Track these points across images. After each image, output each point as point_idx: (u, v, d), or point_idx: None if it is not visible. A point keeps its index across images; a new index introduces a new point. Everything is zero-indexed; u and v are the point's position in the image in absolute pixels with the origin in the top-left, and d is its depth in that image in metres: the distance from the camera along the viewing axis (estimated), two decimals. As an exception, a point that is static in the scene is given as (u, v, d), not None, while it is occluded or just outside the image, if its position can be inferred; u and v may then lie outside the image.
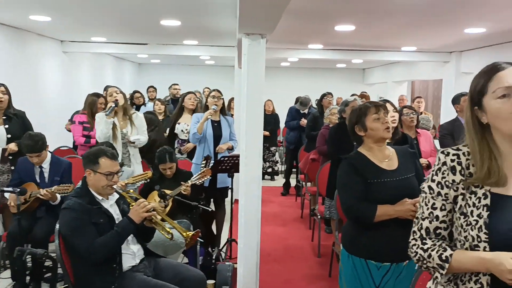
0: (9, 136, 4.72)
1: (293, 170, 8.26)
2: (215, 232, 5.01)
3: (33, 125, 4.94)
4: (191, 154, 5.52)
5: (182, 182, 4.17)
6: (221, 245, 4.94)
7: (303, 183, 7.25)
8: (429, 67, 9.14)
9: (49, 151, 4.34)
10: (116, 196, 2.89)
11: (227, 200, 5.07)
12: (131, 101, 7.21)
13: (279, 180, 9.17)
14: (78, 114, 5.75)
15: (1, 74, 5.64)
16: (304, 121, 7.61)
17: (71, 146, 6.30)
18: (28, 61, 6.55)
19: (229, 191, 4.85)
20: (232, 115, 7.47)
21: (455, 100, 4.97)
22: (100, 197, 2.78)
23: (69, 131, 6.47)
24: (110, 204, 2.83)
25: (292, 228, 6.16)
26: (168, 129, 6.03)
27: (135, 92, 8.43)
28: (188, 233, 2.79)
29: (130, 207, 2.80)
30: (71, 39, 7.53)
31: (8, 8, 4.83)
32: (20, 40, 6.29)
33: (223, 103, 5.07)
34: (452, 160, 1.50)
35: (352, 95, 9.74)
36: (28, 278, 3.97)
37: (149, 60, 12.65)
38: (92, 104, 5.55)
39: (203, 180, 4.29)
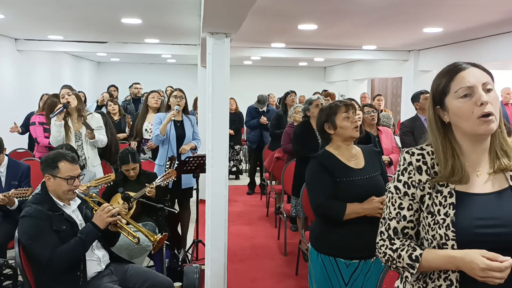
0: None
1: (257, 168, 8.27)
2: (180, 233, 4.95)
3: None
4: (154, 155, 5.44)
5: (146, 184, 4.09)
6: (187, 247, 4.88)
7: (268, 181, 7.28)
8: (389, 66, 9.35)
9: (6, 154, 4.16)
10: (78, 201, 2.79)
11: (192, 200, 5.02)
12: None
13: (244, 179, 9.17)
14: (36, 115, 5.55)
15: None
16: (264, 119, 7.62)
17: (27, 148, 6.07)
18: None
19: (194, 191, 4.79)
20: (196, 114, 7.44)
21: (415, 98, 5.09)
22: (61, 203, 2.68)
23: (21, 133, 6.25)
24: (72, 210, 2.73)
25: (258, 227, 6.17)
26: (128, 130, 5.91)
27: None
28: (155, 237, 2.74)
29: (94, 212, 2.71)
30: (26, 37, 7.26)
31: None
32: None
33: (186, 103, 5.01)
34: (418, 160, 1.52)
35: (315, 93, 9.88)
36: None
37: (109, 59, 12.37)
38: (52, 106, 5.34)
39: (168, 181, 4.22)
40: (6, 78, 7.05)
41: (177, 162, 4.56)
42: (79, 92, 8.29)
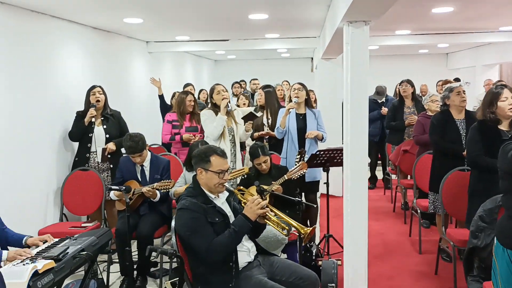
0: (107, 136, 4.91)
1: (378, 162, 7.97)
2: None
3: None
4: (277, 148, 5.47)
5: (273, 182, 4.11)
6: (317, 240, 4.83)
7: (393, 175, 6.97)
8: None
9: (149, 150, 4.45)
10: (226, 193, 2.86)
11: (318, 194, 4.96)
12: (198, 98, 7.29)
13: (364, 173, 8.89)
14: (169, 113, 5.87)
15: (95, 76, 5.88)
16: (385, 110, 7.30)
17: (160, 144, 6.43)
18: (118, 63, 6.80)
19: (324, 185, 4.72)
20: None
21: None
22: (212, 196, 2.76)
23: None
24: (221, 202, 2.81)
25: (387, 223, 5.92)
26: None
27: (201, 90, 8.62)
28: (305, 229, 2.71)
29: (242, 205, 2.76)
30: (155, 39, 7.73)
31: (104, 13, 5.00)
32: (111, 43, 6.53)
33: (308, 96, 4.94)
34: None
35: (439, 81, 9.26)
36: (135, 273, 4.12)
37: (226, 57, 12.79)
38: (181, 103, 5.61)
39: (299, 174, 4.21)
40: (139, 79, 7.58)
41: (306, 155, 4.53)
42: (201, 90, 8.75)
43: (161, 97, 6.91)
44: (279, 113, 5.03)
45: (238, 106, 7.10)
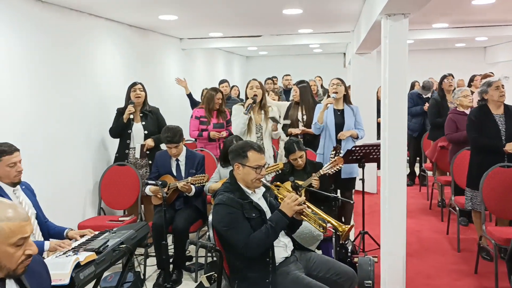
0: (146, 132, 4.98)
1: (417, 158, 7.82)
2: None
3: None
4: (312, 145, 5.43)
5: (313, 174, 4.08)
6: (351, 237, 4.78)
7: (429, 172, 6.82)
8: None
9: (184, 146, 4.49)
10: (263, 189, 2.86)
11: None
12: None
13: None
14: (196, 109, 5.90)
15: (130, 73, 5.97)
16: (427, 106, 7.13)
17: (194, 140, 6.48)
18: (153, 60, 6.89)
19: (360, 181, 4.65)
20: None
21: None
22: (249, 191, 2.77)
23: None
24: (258, 198, 2.81)
25: (422, 220, 5.81)
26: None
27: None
28: (343, 227, 2.68)
29: (279, 201, 2.75)
30: (189, 36, 7.80)
31: (140, 10, 5.07)
32: (146, 40, 6.62)
33: (347, 91, 4.89)
34: None
35: (473, 76, 8.99)
36: (171, 266, 4.18)
37: (257, 53, 12.78)
38: (210, 99, 5.60)
39: (335, 169, 4.16)
40: (173, 76, 7.65)
41: (341, 151, 4.48)
42: (233, 86, 8.75)
43: (189, 96, 6.93)
44: (316, 108, 4.99)
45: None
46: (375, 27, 3.84)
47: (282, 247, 2.75)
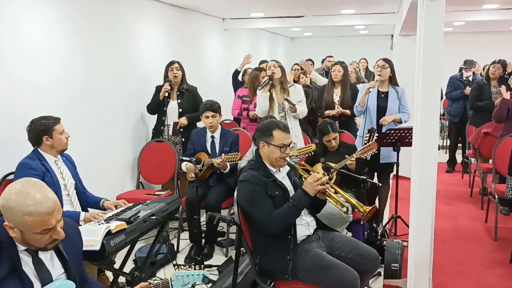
0: (180, 110, 5.10)
1: (459, 145, 7.59)
2: (377, 207, 4.83)
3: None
4: (348, 126, 5.39)
5: (346, 156, 4.07)
6: (385, 221, 4.76)
7: (472, 159, 6.63)
8: None
9: (220, 125, 4.58)
10: (287, 168, 2.90)
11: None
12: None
13: (442, 155, 8.52)
14: (241, 88, 5.97)
15: (171, 52, 6.10)
16: (468, 90, 6.89)
17: (232, 119, 6.56)
18: (194, 40, 6.99)
19: (395, 166, 4.60)
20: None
21: None
22: (273, 169, 2.81)
23: None
24: (282, 176, 2.85)
25: (460, 207, 5.67)
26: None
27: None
28: (365, 208, 2.69)
29: (303, 180, 2.79)
30: (231, 16, 7.84)
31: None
32: (187, 20, 6.71)
33: (393, 73, 4.76)
34: None
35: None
36: (203, 241, 4.32)
37: (302, 34, 12.66)
38: (255, 79, 5.66)
39: (367, 154, 4.13)
40: (215, 56, 7.76)
41: (376, 134, 4.42)
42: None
43: (237, 72, 7.00)
44: (360, 89, 4.90)
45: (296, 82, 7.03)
46: (413, 7, 3.75)
47: (305, 225, 2.79)
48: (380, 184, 4.18)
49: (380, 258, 3.78)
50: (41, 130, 3.19)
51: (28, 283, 1.82)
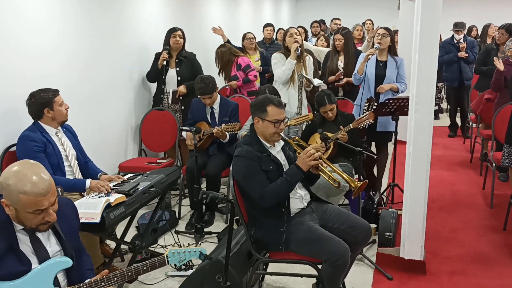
0: (179, 78, 5.11)
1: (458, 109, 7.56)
2: (375, 175, 4.89)
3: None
4: (351, 94, 5.38)
5: (341, 127, 4.10)
6: (382, 190, 4.83)
7: (474, 124, 6.62)
8: None
9: (219, 94, 4.60)
10: (282, 142, 2.94)
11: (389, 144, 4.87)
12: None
13: (444, 119, 8.51)
14: (240, 57, 5.97)
15: (171, 17, 6.03)
16: (462, 54, 6.81)
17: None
18: (194, 4, 6.89)
19: (393, 135, 4.62)
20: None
21: None
22: (268, 144, 2.85)
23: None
24: (276, 151, 2.89)
25: (460, 173, 5.72)
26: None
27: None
28: (356, 183, 2.74)
29: (297, 154, 2.83)
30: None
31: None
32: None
33: (393, 42, 4.70)
34: None
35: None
36: (204, 207, 4.43)
37: (307, -6, 12.42)
38: (222, 55, 5.96)
39: (364, 123, 4.15)
40: (215, 20, 7.62)
41: (375, 104, 4.43)
42: (279, 29, 8.60)
43: (228, 43, 6.94)
44: (359, 58, 4.87)
45: (316, 46, 6.97)
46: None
47: (298, 198, 2.86)
48: (375, 156, 4.21)
49: (376, 226, 3.94)
50: (42, 103, 3.22)
51: (25, 261, 1.92)
